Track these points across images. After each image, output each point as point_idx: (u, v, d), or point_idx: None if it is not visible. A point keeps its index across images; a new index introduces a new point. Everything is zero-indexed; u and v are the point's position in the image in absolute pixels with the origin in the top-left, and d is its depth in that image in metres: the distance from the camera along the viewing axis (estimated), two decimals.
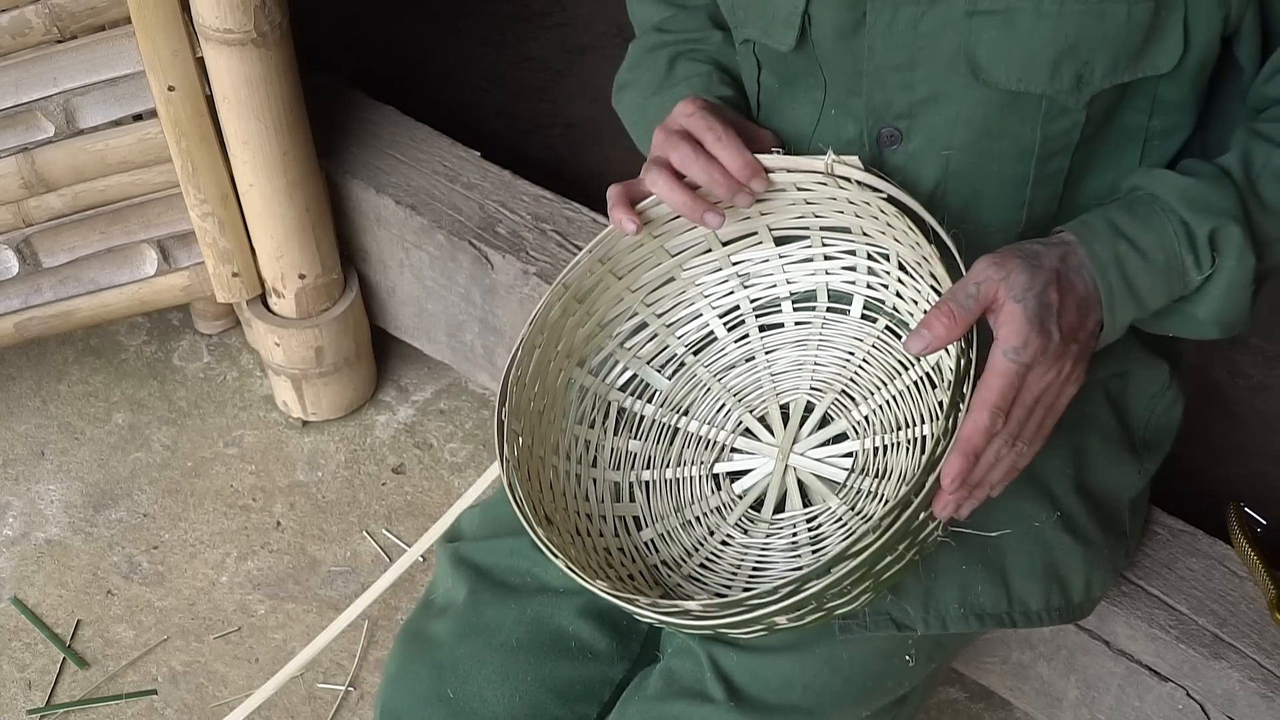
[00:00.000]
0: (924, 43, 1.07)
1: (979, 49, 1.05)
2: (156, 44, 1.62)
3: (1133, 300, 1.04)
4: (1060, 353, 1.00)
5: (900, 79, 1.09)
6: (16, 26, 1.65)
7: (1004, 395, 0.97)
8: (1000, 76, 1.05)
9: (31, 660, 1.77)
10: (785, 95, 1.19)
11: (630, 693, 1.19)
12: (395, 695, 1.21)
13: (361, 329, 1.95)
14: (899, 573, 1.03)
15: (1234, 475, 1.66)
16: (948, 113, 1.09)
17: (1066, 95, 1.06)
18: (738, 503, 1.21)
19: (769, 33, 1.13)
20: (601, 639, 1.21)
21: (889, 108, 1.11)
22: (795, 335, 1.27)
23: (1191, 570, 1.37)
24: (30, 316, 1.86)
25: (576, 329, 1.22)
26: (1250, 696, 1.29)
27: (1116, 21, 1.02)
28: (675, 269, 1.25)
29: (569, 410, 1.22)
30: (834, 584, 0.97)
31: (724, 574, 1.17)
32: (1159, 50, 1.05)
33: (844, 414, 1.22)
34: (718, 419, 1.26)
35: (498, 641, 1.19)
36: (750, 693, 1.14)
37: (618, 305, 1.24)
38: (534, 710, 1.18)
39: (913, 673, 1.20)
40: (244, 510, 1.91)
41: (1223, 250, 1.03)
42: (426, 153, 1.86)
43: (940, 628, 1.16)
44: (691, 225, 1.21)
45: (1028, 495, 1.19)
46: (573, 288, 1.19)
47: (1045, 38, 1.03)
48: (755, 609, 0.98)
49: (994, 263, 0.99)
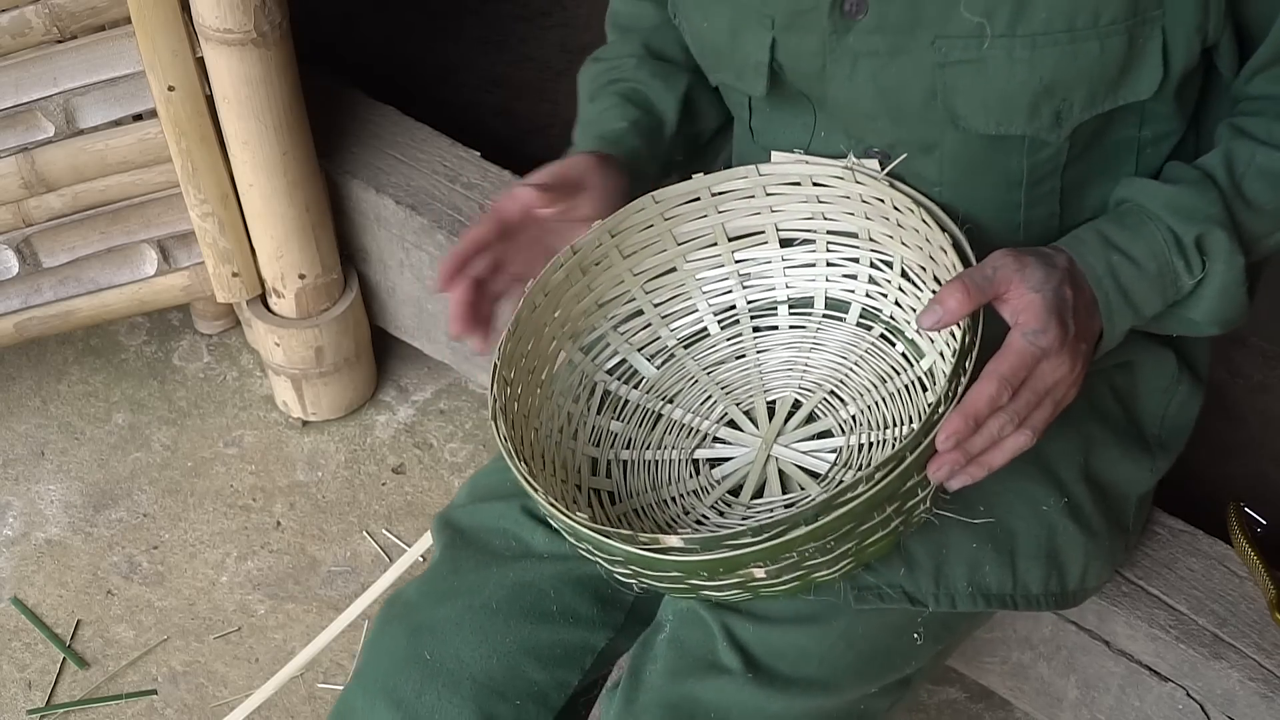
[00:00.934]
0: (887, 96, 1.08)
1: (955, 98, 1.05)
2: (156, 44, 1.63)
3: (1129, 307, 1.05)
4: (1073, 348, 1.01)
5: (871, 124, 1.11)
6: (16, 26, 1.65)
7: (1015, 371, 0.98)
8: (979, 123, 1.06)
9: (31, 660, 1.77)
10: (777, 119, 1.20)
11: (636, 666, 1.17)
12: (371, 657, 1.20)
13: (361, 329, 1.95)
14: (881, 541, 1.02)
15: (1234, 475, 1.66)
16: (932, 154, 1.11)
17: (1047, 131, 1.07)
18: (716, 486, 1.20)
19: (741, 79, 1.16)
20: (584, 605, 1.20)
21: (869, 140, 1.13)
22: (788, 337, 1.27)
23: (1191, 570, 1.37)
24: (30, 316, 1.86)
25: (576, 301, 1.22)
26: (1250, 696, 1.29)
27: (1090, 58, 1.02)
28: (678, 259, 1.25)
29: (555, 380, 1.22)
30: (818, 533, 0.97)
31: None
32: (1138, 78, 1.05)
33: (831, 413, 1.21)
34: (702, 409, 1.26)
35: (477, 604, 1.18)
36: (768, 664, 1.14)
37: (617, 287, 1.24)
38: (512, 672, 1.17)
39: (919, 652, 1.20)
40: (244, 510, 1.91)
41: (1211, 254, 1.05)
42: (426, 153, 1.86)
43: (950, 605, 1.16)
44: (703, 213, 1.23)
45: (1036, 479, 1.20)
46: (580, 253, 1.19)
47: (1020, 82, 1.03)
48: (737, 548, 0.98)
49: (1010, 254, 1.01)
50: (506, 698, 1.16)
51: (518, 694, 1.17)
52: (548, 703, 1.18)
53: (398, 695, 1.16)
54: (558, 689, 1.19)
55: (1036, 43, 1.01)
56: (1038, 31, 1.01)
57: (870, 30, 1.05)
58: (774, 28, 1.10)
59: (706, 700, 1.13)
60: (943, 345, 1.15)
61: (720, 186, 1.21)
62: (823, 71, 1.09)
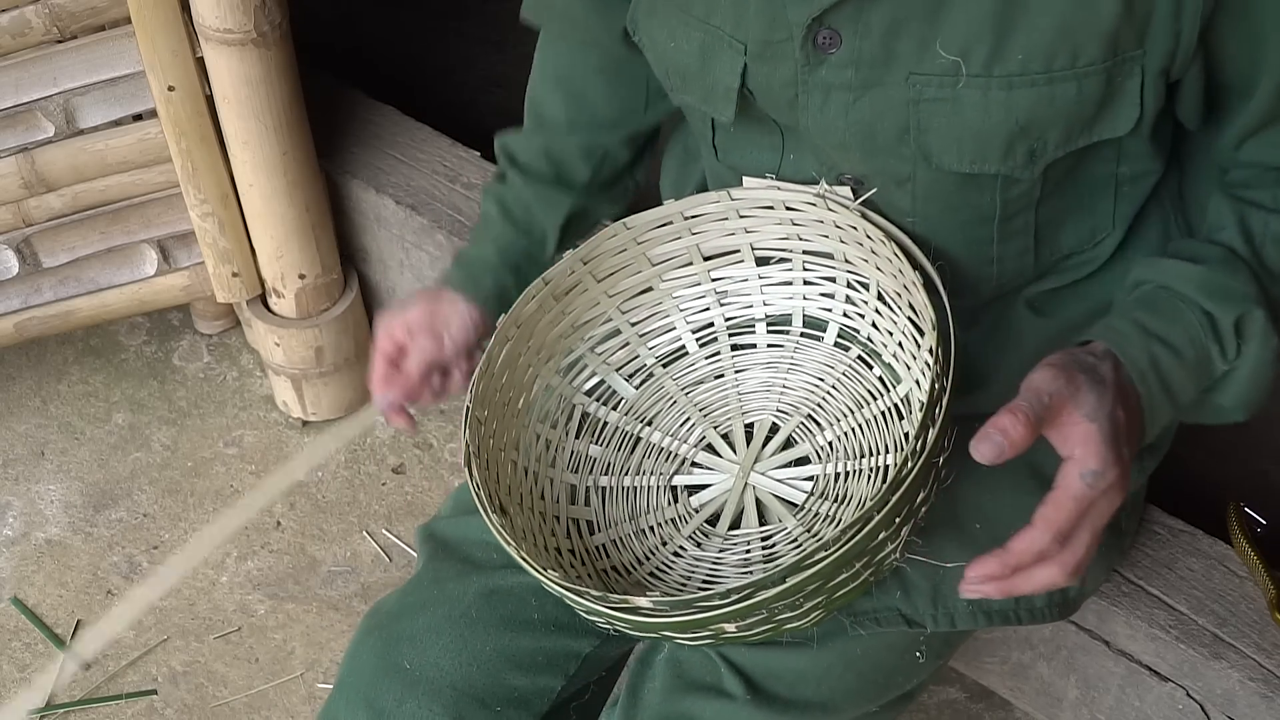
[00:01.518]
0: (859, 129, 1.05)
1: (929, 136, 1.03)
2: (156, 44, 1.63)
3: (1168, 401, 0.99)
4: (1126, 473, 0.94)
5: (844, 155, 1.09)
6: (16, 26, 1.65)
7: (1071, 520, 0.92)
8: (952, 161, 1.04)
9: (31, 660, 1.77)
10: (742, 140, 1.17)
11: (635, 683, 1.18)
12: (352, 667, 1.20)
13: (361, 329, 1.95)
14: (853, 592, 1.02)
15: (1234, 475, 1.66)
16: (905, 187, 1.08)
17: (1021, 169, 1.04)
18: (693, 516, 1.20)
19: (708, 102, 1.12)
20: (565, 613, 1.20)
21: (841, 168, 1.12)
22: (766, 357, 1.27)
23: (1191, 570, 1.37)
24: (30, 316, 1.86)
25: (550, 327, 1.22)
26: (1250, 696, 1.29)
27: (1067, 100, 0.99)
28: (654, 279, 1.25)
29: (533, 407, 1.22)
30: (786, 594, 0.96)
31: (673, 584, 1.16)
32: (1114, 116, 1.02)
33: (808, 438, 1.21)
34: (681, 432, 1.25)
35: (457, 613, 1.18)
36: (766, 687, 1.13)
37: (593, 309, 1.24)
38: (492, 680, 1.17)
39: (921, 669, 1.20)
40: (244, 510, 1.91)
41: (1247, 336, 1.00)
42: (426, 153, 1.86)
43: (949, 625, 1.15)
44: (676, 235, 1.22)
45: (1034, 490, 1.18)
46: (551, 283, 1.20)
47: (996, 122, 1.01)
48: (705, 611, 0.97)
49: (1060, 373, 0.94)
50: (487, 705, 1.16)
51: (498, 700, 1.17)
52: (530, 708, 1.18)
53: (379, 705, 1.16)
54: (540, 695, 1.19)
55: (1013, 84, 0.98)
56: (1014, 73, 0.98)
57: (843, 64, 1.02)
58: (746, 54, 1.07)
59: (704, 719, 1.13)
60: (918, 374, 1.14)
61: (693, 210, 1.21)
62: (794, 101, 1.07)
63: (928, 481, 1.01)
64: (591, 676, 1.25)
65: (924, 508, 1.03)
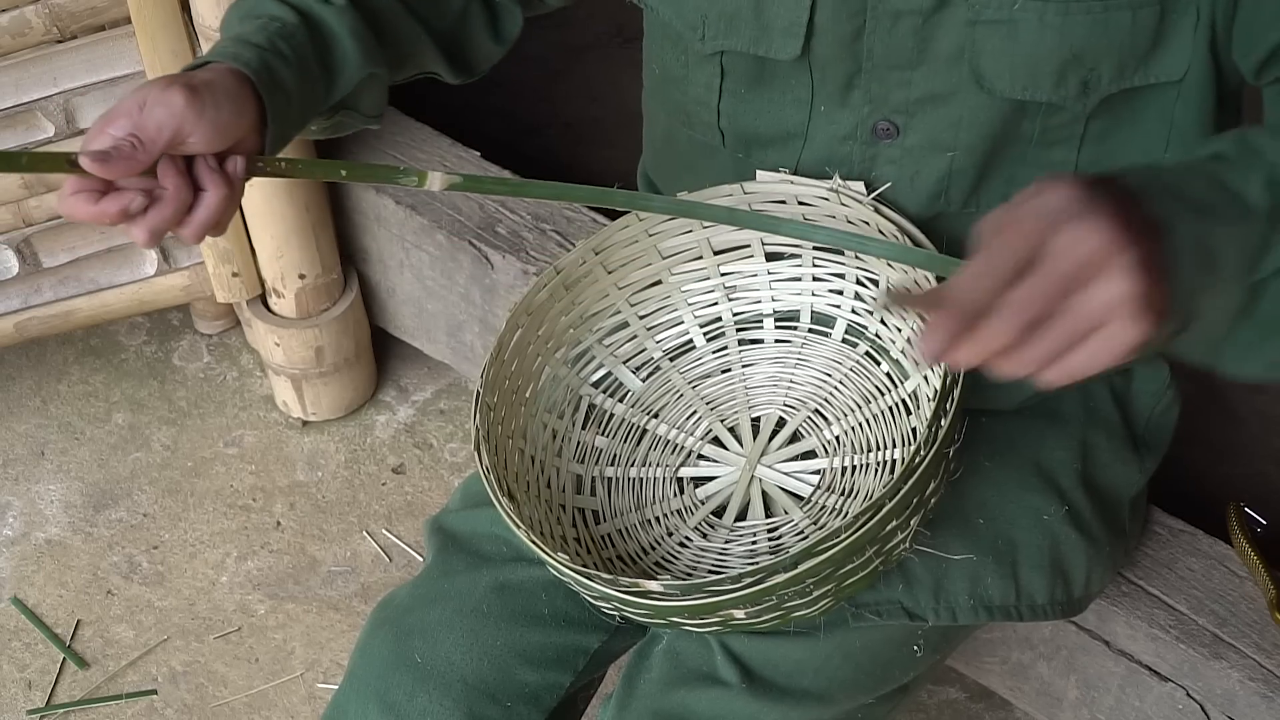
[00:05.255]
0: (924, 47, 1.06)
1: (982, 58, 1.04)
2: (156, 44, 1.62)
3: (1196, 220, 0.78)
4: (1111, 231, 0.73)
5: (899, 77, 1.09)
6: (16, 26, 1.65)
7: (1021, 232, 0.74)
8: (1005, 86, 1.05)
9: (31, 660, 1.77)
10: (759, 99, 1.16)
11: (631, 674, 1.18)
12: (362, 660, 1.20)
13: (361, 329, 1.95)
14: (861, 581, 1.03)
15: (1234, 475, 1.66)
16: (950, 115, 1.08)
17: (1073, 101, 1.05)
18: (699, 507, 1.21)
19: (762, 43, 1.11)
20: (575, 607, 1.20)
21: (886, 101, 1.10)
22: (774, 352, 1.27)
23: (1191, 570, 1.37)
24: (30, 316, 1.86)
25: (560, 316, 1.22)
26: (1250, 696, 1.30)
27: (1122, 28, 1.01)
28: (664, 272, 1.25)
29: (540, 396, 1.22)
30: (797, 579, 0.97)
31: (679, 574, 1.17)
32: (1167, 54, 1.03)
33: (815, 432, 1.21)
34: (687, 425, 1.26)
35: (468, 607, 1.18)
36: (763, 675, 1.14)
37: (603, 300, 1.24)
38: (503, 675, 1.17)
39: (919, 662, 1.20)
40: (244, 510, 1.91)
41: None
42: (426, 153, 1.86)
43: (950, 619, 1.16)
44: (687, 228, 1.22)
45: (1037, 488, 1.19)
46: (563, 273, 1.20)
47: (1050, 47, 1.02)
48: (716, 595, 0.98)
49: None
50: (497, 699, 1.16)
51: (509, 695, 1.17)
52: (540, 703, 1.18)
53: (389, 698, 1.16)
54: (550, 690, 1.19)
55: (1069, 9, 1.00)
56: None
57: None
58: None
59: (700, 710, 1.13)
60: (927, 369, 1.14)
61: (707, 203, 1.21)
62: (862, 28, 1.07)
63: (938, 472, 1.03)
64: (598, 672, 1.25)
65: (933, 499, 1.05)
